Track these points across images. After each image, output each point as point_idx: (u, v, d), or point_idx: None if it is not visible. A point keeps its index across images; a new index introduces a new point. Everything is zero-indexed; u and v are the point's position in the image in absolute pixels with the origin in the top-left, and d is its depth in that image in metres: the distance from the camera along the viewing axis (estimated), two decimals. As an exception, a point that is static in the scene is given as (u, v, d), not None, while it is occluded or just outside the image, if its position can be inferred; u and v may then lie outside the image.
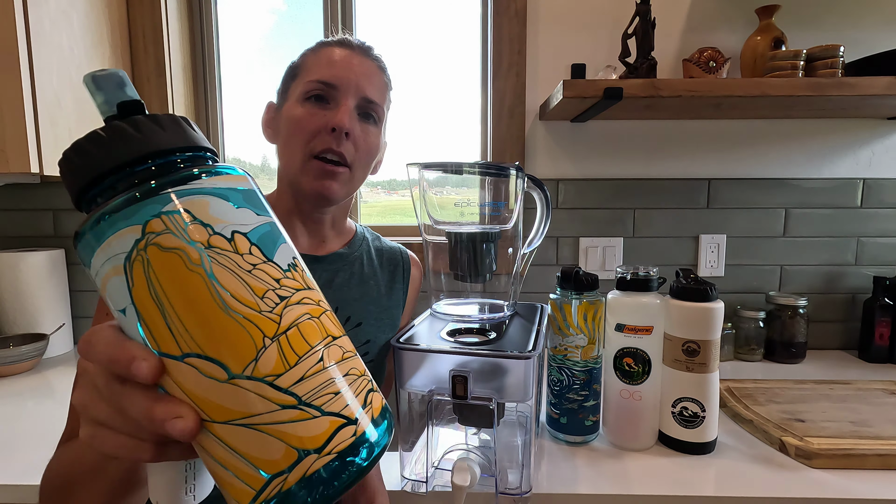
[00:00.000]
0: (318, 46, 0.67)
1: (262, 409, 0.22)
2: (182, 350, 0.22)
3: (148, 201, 0.22)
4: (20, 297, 1.10)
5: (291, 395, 0.22)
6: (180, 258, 0.22)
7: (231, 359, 0.22)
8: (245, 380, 0.22)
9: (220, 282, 0.22)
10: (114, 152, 0.23)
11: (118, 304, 0.23)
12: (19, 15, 0.85)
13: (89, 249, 0.23)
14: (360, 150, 0.65)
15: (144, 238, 0.22)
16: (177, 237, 0.22)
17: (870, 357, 1.11)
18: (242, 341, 0.22)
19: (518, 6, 1.11)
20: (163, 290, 0.22)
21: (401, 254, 0.80)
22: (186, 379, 0.22)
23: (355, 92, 0.63)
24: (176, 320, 0.22)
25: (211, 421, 0.22)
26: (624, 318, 0.71)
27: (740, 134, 1.15)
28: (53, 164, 0.91)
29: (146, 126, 0.24)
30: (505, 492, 0.60)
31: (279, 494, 0.22)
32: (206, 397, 0.22)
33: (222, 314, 0.22)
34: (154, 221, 0.22)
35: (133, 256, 0.22)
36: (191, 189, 0.23)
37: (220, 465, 0.23)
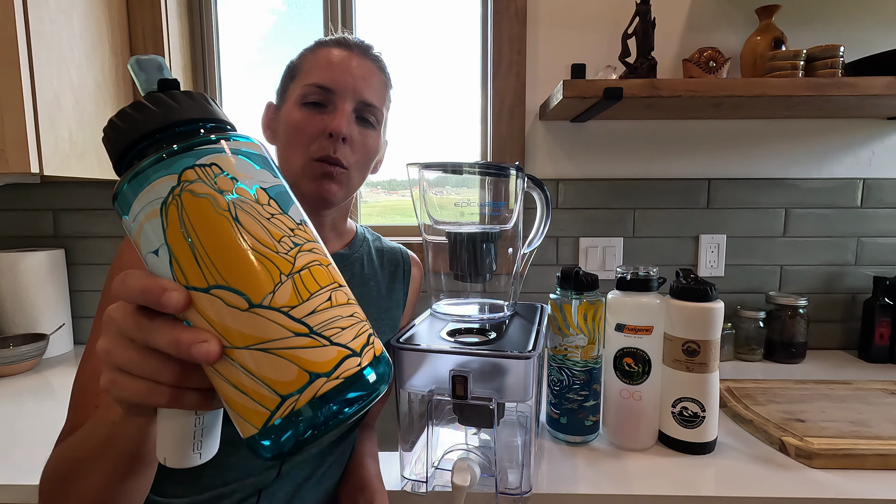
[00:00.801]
0: (316, 46, 0.66)
1: (278, 335, 0.25)
2: (208, 282, 0.25)
3: (184, 154, 0.26)
4: (20, 297, 1.10)
5: (304, 325, 0.25)
6: (210, 203, 0.25)
7: (252, 290, 0.25)
8: (264, 309, 0.25)
9: (244, 224, 0.26)
10: (155, 117, 0.27)
11: (152, 245, 0.26)
12: (19, 15, 0.84)
13: (127, 202, 0.26)
14: (359, 153, 0.64)
15: (180, 185, 0.25)
16: (207, 185, 0.26)
17: (870, 357, 1.11)
18: (262, 275, 0.25)
19: (518, 6, 1.11)
20: (194, 230, 0.25)
21: (401, 254, 0.80)
22: (211, 309, 0.25)
23: (353, 96, 0.63)
24: (204, 256, 0.25)
25: (231, 347, 0.25)
26: (624, 318, 0.71)
27: (740, 134, 1.15)
28: (53, 164, 0.91)
29: (181, 98, 0.28)
30: (505, 492, 0.60)
31: (291, 413, 0.24)
32: (228, 325, 0.25)
33: (245, 252, 0.25)
34: (189, 171, 0.26)
35: (169, 201, 0.25)
36: (219, 148, 0.27)
37: (237, 390, 0.25)
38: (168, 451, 0.29)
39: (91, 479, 0.40)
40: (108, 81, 1.07)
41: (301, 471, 0.59)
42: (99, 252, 1.21)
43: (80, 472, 0.41)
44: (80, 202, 1.20)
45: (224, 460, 0.55)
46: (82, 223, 1.21)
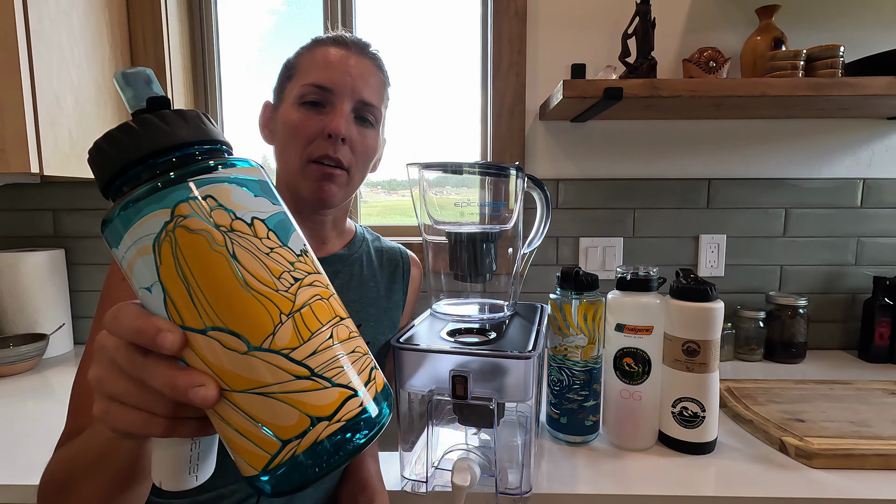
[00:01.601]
0: (313, 45, 0.66)
1: (279, 379, 0.24)
2: (205, 324, 0.24)
3: (177, 187, 0.24)
4: (20, 297, 1.10)
5: (305, 367, 0.24)
6: (205, 239, 0.24)
7: (251, 333, 0.24)
8: (263, 352, 0.24)
9: (242, 262, 0.24)
10: (144, 142, 0.25)
11: (144, 281, 0.25)
12: (19, 15, 0.84)
13: (117, 234, 0.25)
14: (358, 153, 0.64)
15: (173, 220, 0.24)
16: (202, 220, 0.24)
17: (870, 357, 1.11)
18: (261, 317, 0.24)
19: (518, 6, 1.11)
20: (189, 268, 0.24)
21: (401, 254, 0.80)
22: (208, 351, 0.24)
23: (351, 95, 0.62)
24: (200, 296, 0.24)
25: (230, 390, 0.24)
26: (624, 318, 0.71)
27: (740, 134, 1.15)
28: (53, 164, 0.91)
29: (172, 120, 0.26)
30: (505, 492, 0.60)
31: (292, 458, 0.24)
32: (227, 368, 0.24)
33: (243, 291, 0.24)
34: (182, 205, 0.24)
35: (162, 237, 0.24)
36: (214, 178, 0.25)
37: (237, 432, 0.24)
38: (164, 476, 0.29)
39: (87, 490, 0.39)
40: (108, 81, 1.07)
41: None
42: (99, 252, 1.21)
43: (77, 482, 0.40)
44: (80, 202, 1.20)
45: (224, 461, 0.55)
46: (82, 223, 1.21)
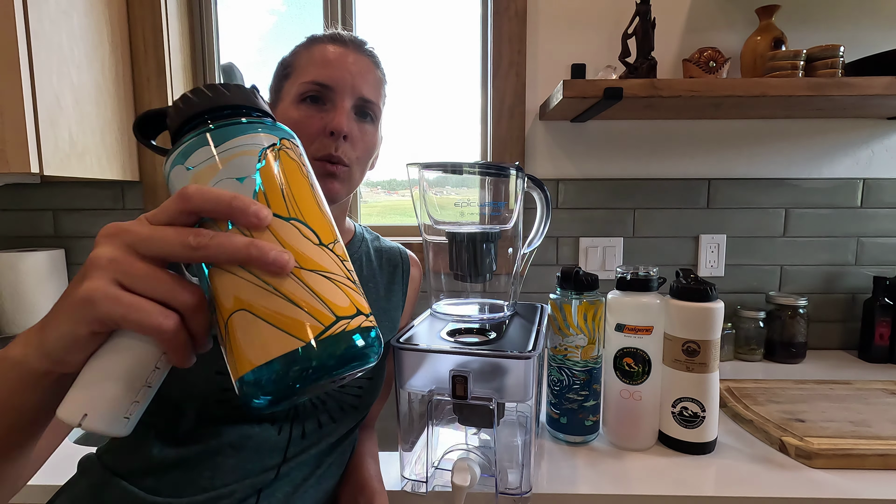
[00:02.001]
0: (309, 43, 0.65)
1: (338, 272, 0.29)
2: (290, 214, 0.29)
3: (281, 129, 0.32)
4: (20, 297, 1.10)
5: (351, 275, 0.31)
6: (298, 166, 0.31)
7: (322, 234, 0.30)
8: (329, 250, 0.30)
9: (315, 192, 0.32)
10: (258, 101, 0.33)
11: (237, 173, 0.29)
12: (19, 15, 0.84)
13: (221, 137, 0.29)
14: (359, 150, 0.64)
15: (280, 145, 0.31)
16: (295, 156, 0.32)
17: (870, 357, 1.11)
18: (329, 228, 0.31)
19: (518, 6, 1.11)
20: (285, 174, 0.30)
21: (400, 254, 0.80)
22: (287, 233, 0.28)
23: (351, 92, 0.62)
24: (290, 194, 0.30)
25: (300, 268, 0.28)
26: (624, 318, 0.71)
27: (740, 134, 1.15)
28: (53, 164, 0.91)
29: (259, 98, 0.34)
30: (505, 492, 0.60)
31: (343, 332, 0.28)
32: (300, 250, 0.28)
33: (318, 208, 0.31)
34: (286, 140, 0.32)
35: (268, 149, 0.30)
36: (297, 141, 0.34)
37: (291, 302, 0.27)
38: (100, 404, 0.27)
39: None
40: (108, 81, 1.07)
41: (300, 471, 0.59)
42: (99, 252, 1.21)
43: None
44: (80, 202, 1.20)
45: (224, 462, 0.55)
46: (82, 223, 1.21)
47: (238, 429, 0.56)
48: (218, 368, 0.54)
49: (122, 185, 1.19)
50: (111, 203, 1.20)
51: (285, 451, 0.58)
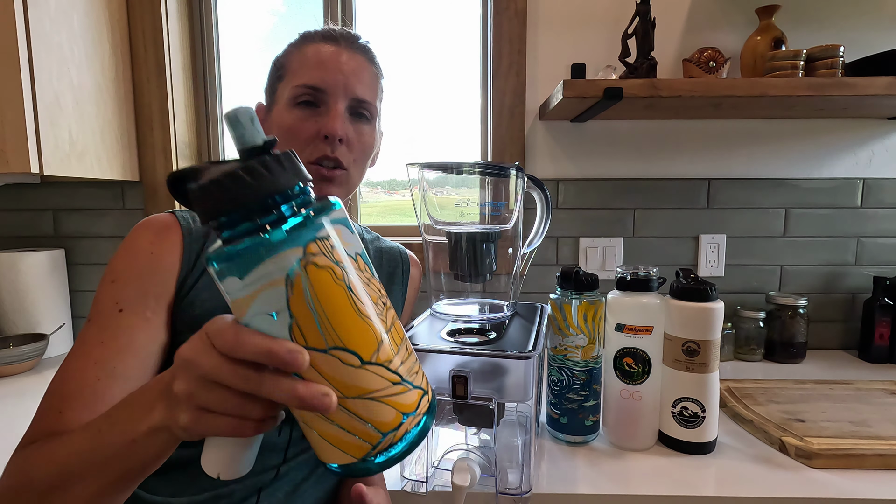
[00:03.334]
0: (301, 41, 0.64)
1: (382, 386, 0.30)
2: (328, 345, 0.29)
3: (308, 226, 0.29)
4: (20, 297, 1.10)
5: (398, 375, 0.31)
6: (329, 274, 0.29)
7: (363, 350, 0.30)
8: (371, 365, 0.30)
9: (355, 292, 0.30)
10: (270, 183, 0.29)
11: (268, 308, 0.28)
12: (19, 15, 0.85)
13: (241, 268, 0.28)
14: (356, 151, 0.64)
15: (305, 258, 0.28)
16: (327, 258, 0.29)
17: (870, 357, 1.11)
18: (370, 337, 0.30)
19: (518, 6, 1.11)
20: (317, 299, 0.28)
21: (400, 254, 0.80)
22: (327, 366, 0.29)
23: (345, 93, 0.61)
24: (325, 322, 0.29)
25: (344, 397, 0.29)
26: (624, 318, 0.71)
27: (740, 134, 1.15)
28: (53, 164, 0.91)
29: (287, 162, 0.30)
30: (505, 492, 0.60)
31: (389, 446, 0.31)
32: (342, 379, 0.29)
33: (357, 317, 0.30)
34: (311, 244, 0.28)
35: (295, 272, 0.28)
36: (331, 219, 0.30)
37: (342, 429, 0.30)
38: (225, 466, 0.33)
39: (81, 492, 0.39)
40: (108, 81, 1.08)
41: (300, 471, 0.59)
42: (99, 252, 1.21)
43: (70, 484, 0.39)
44: (80, 202, 1.20)
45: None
46: (82, 223, 1.21)
47: None
48: None
49: (122, 185, 1.19)
50: (111, 203, 1.20)
51: (285, 451, 0.58)
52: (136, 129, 1.17)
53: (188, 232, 0.60)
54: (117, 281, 0.55)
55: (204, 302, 0.57)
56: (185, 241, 0.59)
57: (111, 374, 0.51)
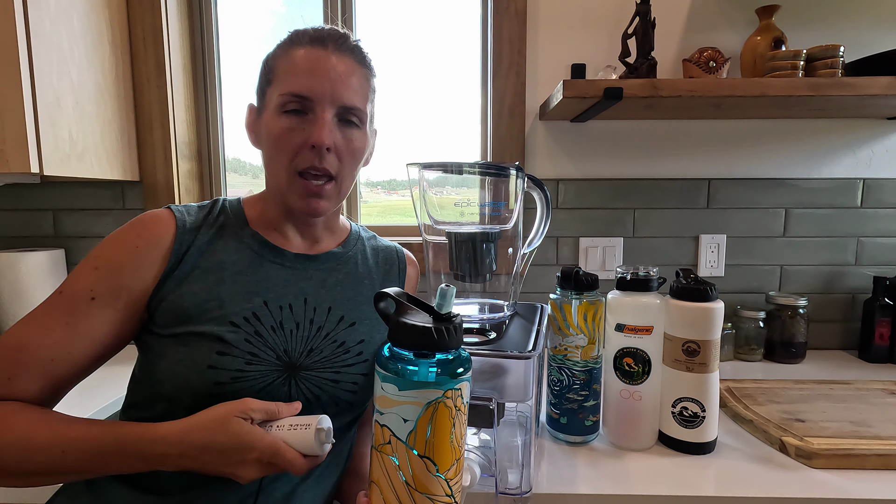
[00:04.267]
0: (289, 43, 0.63)
1: (440, 492, 0.44)
2: (424, 453, 0.43)
3: (453, 380, 0.43)
4: (20, 297, 1.10)
5: (451, 490, 0.45)
6: (449, 413, 0.43)
7: (441, 466, 0.44)
8: (440, 478, 0.44)
9: (456, 430, 0.44)
10: (456, 341, 0.45)
11: (405, 415, 0.43)
12: (19, 15, 0.85)
13: (405, 384, 0.43)
14: (345, 158, 0.62)
15: (442, 397, 0.43)
16: (453, 402, 0.44)
17: (870, 357, 1.11)
18: (450, 459, 0.44)
19: (518, 6, 1.11)
20: (435, 423, 0.43)
21: (396, 252, 0.80)
22: (416, 464, 0.43)
23: (332, 101, 0.60)
24: (432, 438, 0.43)
25: (414, 488, 0.43)
26: (624, 318, 0.71)
27: (740, 134, 1.15)
28: (53, 164, 0.91)
29: (460, 332, 0.46)
30: (505, 492, 0.60)
31: None
32: (420, 477, 0.43)
33: (448, 446, 0.44)
34: (450, 391, 0.43)
35: (432, 403, 0.43)
36: (466, 378, 0.45)
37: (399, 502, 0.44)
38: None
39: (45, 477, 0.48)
40: (108, 81, 1.08)
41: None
42: (99, 252, 1.21)
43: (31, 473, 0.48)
44: (80, 202, 1.20)
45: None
46: (82, 223, 1.21)
47: None
48: (210, 363, 0.54)
49: (122, 185, 1.19)
50: (111, 203, 1.20)
51: None
52: (136, 129, 1.17)
53: (182, 225, 0.60)
54: (99, 269, 0.56)
55: (195, 294, 0.57)
56: (177, 235, 0.59)
57: (65, 357, 0.54)
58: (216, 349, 0.55)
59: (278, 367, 0.58)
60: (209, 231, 0.62)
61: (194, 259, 0.59)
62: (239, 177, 1.37)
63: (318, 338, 0.62)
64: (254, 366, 0.56)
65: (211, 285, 0.58)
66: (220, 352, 0.55)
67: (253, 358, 0.56)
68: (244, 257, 0.62)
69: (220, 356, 0.55)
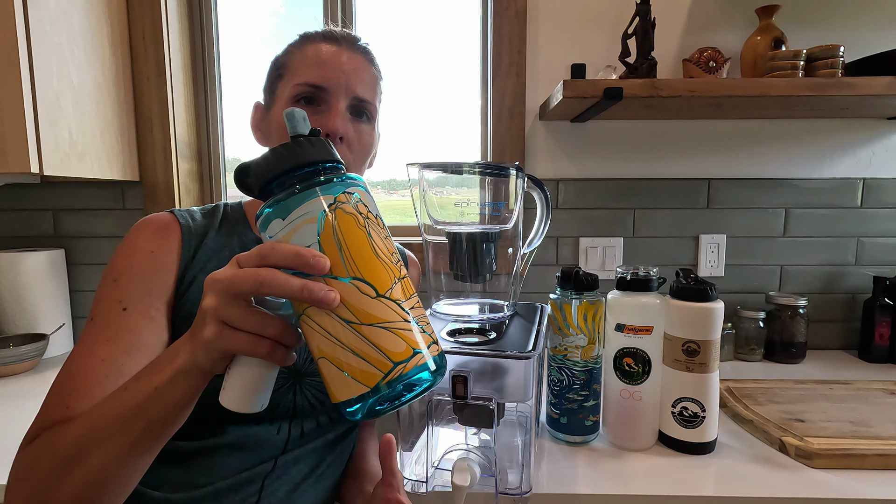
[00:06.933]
0: (301, 41, 0.64)
1: (395, 318, 0.35)
2: (349, 274, 0.34)
3: (339, 184, 0.36)
4: (20, 297, 1.10)
5: (409, 314, 0.36)
6: (353, 219, 0.36)
7: (379, 285, 0.35)
8: (386, 299, 0.35)
9: (374, 238, 0.36)
10: (317, 153, 0.37)
11: (306, 241, 0.35)
12: (19, 15, 0.85)
13: (286, 209, 0.35)
14: (356, 151, 0.64)
15: (335, 203, 0.35)
16: (353, 207, 0.36)
17: (870, 357, 1.11)
18: (385, 276, 0.36)
19: (518, 6, 1.11)
20: (342, 235, 0.35)
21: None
22: (348, 294, 0.34)
23: (346, 92, 0.61)
24: (348, 255, 0.35)
25: (359, 323, 0.34)
26: (624, 318, 0.71)
27: (740, 134, 1.15)
28: (53, 164, 0.91)
29: (324, 144, 0.38)
30: (505, 492, 0.60)
31: (400, 375, 0.34)
32: (360, 307, 0.34)
33: (375, 258, 0.36)
34: (342, 196, 0.36)
35: (326, 212, 0.35)
36: (356, 183, 0.38)
37: (356, 355, 0.34)
38: (237, 398, 0.37)
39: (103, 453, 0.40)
40: (108, 81, 1.08)
41: (299, 470, 0.59)
42: (99, 252, 1.21)
43: (90, 449, 0.41)
44: (80, 202, 1.20)
45: (223, 460, 0.55)
46: (82, 223, 1.21)
47: (237, 428, 0.56)
48: None
49: (122, 185, 1.19)
50: (111, 203, 1.20)
51: (284, 447, 0.59)
52: (136, 129, 1.17)
53: (187, 230, 0.60)
54: (119, 280, 0.55)
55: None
56: (183, 239, 0.59)
57: (118, 371, 0.51)
58: None
59: (283, 374, 0.58)
60: (214, 237, 0.62)
61: (202, 264, 0.59)
62: (239, 177, 1.37)
63: None
64: None
65: None
66: None
67: None
68: None
69: None
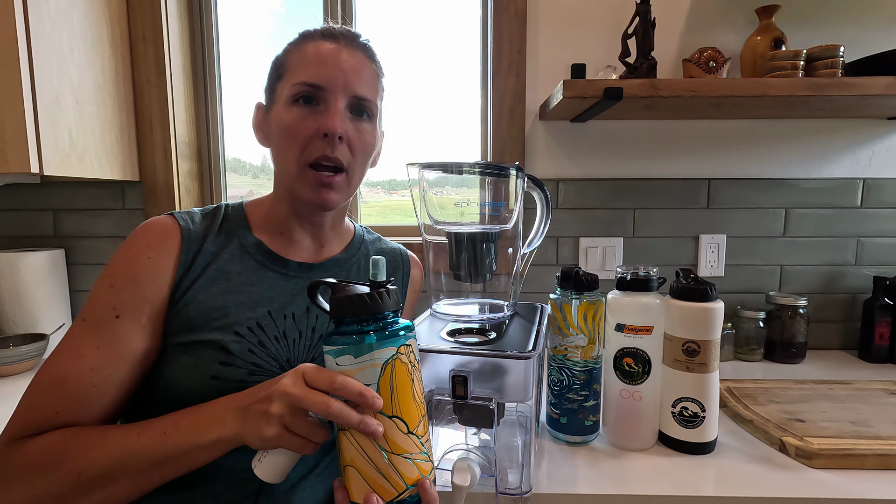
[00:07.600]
0: (301, 39, 0.64)
1: (414, 451, 0.45)
2: (392, 413, 0.44)
3: (402, 337, 0.46)
4: (20, 297, 1.10)
5: (424, 447, 0.46)
6: (406, 369, 0.45)
7: (410, 423, 0.45)
8: (412, 435, 0.45)
9: (415, 385, 0.46)
10: (392, 304, 0.47)
11: (366, 380, 0.44)
12: (19, 15, 0.84)
13: (358, 350, 0.44)
14: (356, 150, 0.62)
15: (397, 354, 0.45)
16: (407, 357, 0.46)
17: (870, 357, 1.11)
18: (416, 415, 0.46)
19: (518, 6, 1.11)
20: (396, 382, 0.45)
21: (401, 255, 0.80)
22: (387, 427, 0.44)
23: (345, 91, 0.60)
24: (396, 398, 0.44)
25: (391, 452, 0.44)
26: (624, 318, 0.71)
27: (740, 134, 1.15)
28: (53, 164, 0.91)
29: (396, 294, 0.47)
30: (505, 492, 0.60)
31: (409, 496, 0.44)
32: (394, 439, 0.44)
33: (412, 400, 0.46)
34: (403, 347, 0.45)
35: (389, 361, 0.44)
36: (412, 332, 0.47)
37: (380, 474, 0.44)
38: (273, 475, 0.46)
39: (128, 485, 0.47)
40: (108, 81, 1.08)
41: (297, 470, 0.59)
42: (99, 252, 1.21)
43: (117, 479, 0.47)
44: (80, 202, 1.20)
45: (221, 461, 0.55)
46: (82, 223, 1.21)
47: None
48: (213, 373, 0.54)
49: (122, 185, 1.19)
50: (111, 203, 1.20)
51: None
52: (136, 129, 1.17)
53: (187, 233, 0.60)
54: (116, 286, 0.55)
55: (200, 303, 0.57)
56: (183, 243, 0.59)
57: (106, 380, 0.52)
58: (219, 359, 0.55)
59: None
60: (214, 239, 0.62)
61: (200, 268, 0.59)
62: (239, 177, 1.37)
63: (320, 345, 0.62)
64: (256, 377, 0.56)
65: (215, 294, 0.58)
66: (223, 362, 0.55)
67: (256, 369, 0.56)
68: (248, 267, 0.62)
69: (224, 367, 0.55)
